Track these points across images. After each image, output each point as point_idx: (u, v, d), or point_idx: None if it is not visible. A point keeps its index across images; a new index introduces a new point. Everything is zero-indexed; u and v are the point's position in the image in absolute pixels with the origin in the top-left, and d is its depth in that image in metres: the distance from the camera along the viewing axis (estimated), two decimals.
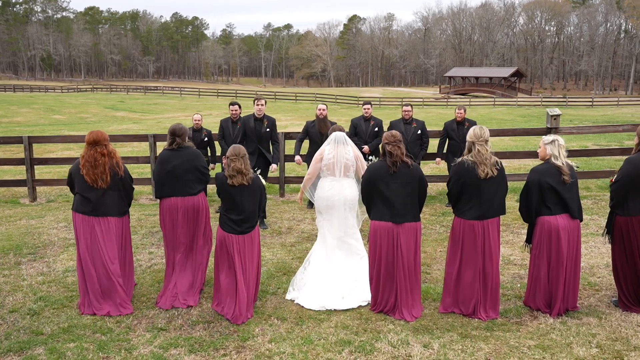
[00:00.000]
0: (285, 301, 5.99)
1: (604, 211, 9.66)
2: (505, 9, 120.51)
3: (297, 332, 5.25)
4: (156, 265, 7.22)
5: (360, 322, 5.43)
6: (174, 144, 6.00)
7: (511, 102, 60.03)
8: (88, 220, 5.70)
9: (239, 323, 5.42)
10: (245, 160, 5.51)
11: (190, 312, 5.74)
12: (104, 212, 5.72)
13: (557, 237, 5.37)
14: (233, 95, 66.74)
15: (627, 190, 5.43)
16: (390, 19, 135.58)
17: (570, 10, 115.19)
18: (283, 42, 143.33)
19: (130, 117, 39.28)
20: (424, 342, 4.99)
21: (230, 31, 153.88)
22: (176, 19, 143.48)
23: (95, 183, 5.68)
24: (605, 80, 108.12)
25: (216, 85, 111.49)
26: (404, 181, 5.46)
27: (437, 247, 7.84)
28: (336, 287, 5.89)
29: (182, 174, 5.93)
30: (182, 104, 55.58)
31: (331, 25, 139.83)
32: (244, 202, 5.55)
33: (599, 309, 5.64)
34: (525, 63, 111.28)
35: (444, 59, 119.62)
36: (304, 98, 63.02)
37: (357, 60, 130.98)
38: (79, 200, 5.77)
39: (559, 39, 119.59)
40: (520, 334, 5.13)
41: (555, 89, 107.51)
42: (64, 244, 8.19)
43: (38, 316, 5.66)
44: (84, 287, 5.72)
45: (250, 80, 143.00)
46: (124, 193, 5.90)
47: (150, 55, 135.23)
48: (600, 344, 4.88)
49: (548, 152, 5.46)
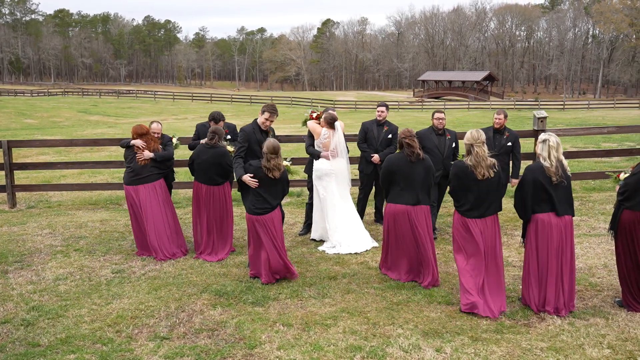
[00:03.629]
0: (288, 306, 5.87)
1: (592, 212, 9.77)
2: (477, 14, 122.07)
3: (305, 339, 5.13)
4: (150, 272, 7.02)
5: (369, 327, 5.34)
6: (213, 140, 7.42)
7: (485, 105, 60.73)
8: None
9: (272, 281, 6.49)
10: (280, 157, 6.50)
11: (192, 319, 5.58)
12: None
13: (548, 234, 5.50)
14: (208, 99, 66.21)
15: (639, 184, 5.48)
16: (363, 23, 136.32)
17: (539, 15, 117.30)
18: (257, 46, 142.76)
19: (104, 121, 38.59)
20: (436, 347, 4.92)
21: (203, 34, 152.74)
22: (148, 22, 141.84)
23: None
24: (575, 84, 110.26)
25: (190, 89, 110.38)
26: (419, 170, 6.40)
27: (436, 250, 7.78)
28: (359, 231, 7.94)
29: (209, 167, 7.40)
30: (157, 107, 54.88)
31: (305, 29, 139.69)
32: (271, 188, 6.53)
33: (604, 310, 5.66)
34: (496, 67, 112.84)
35: (417, 63, 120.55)
36: (280, 101, 62.76)
37: (331, 64, 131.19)
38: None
39: (529, 44, 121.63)
40: (530, 336, 5.10)
41: (526, 92, 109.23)
42: (51, 251, 7.92)
43: (33, 327, 5.43)
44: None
45: (224, 83, 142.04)
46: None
47: (122, 58, 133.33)
48: (612, 345, 4.88)
49: (538, 151, 5.63)
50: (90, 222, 9.62)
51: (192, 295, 6.20)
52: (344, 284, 6.50)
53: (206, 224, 7.55)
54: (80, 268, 7.19)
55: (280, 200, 6.68)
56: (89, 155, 19.49)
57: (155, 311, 5.78)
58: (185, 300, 6.06)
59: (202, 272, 6.95)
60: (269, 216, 6.53)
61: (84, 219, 9.90)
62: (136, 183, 7.59)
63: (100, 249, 7.98)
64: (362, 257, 7.49)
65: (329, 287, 6.41)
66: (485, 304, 5.59)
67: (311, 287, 6.43)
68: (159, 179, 7.76)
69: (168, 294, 6.23)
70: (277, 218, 6.62)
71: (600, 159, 15.08)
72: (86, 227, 9.22)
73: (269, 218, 6.53)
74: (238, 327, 5.40)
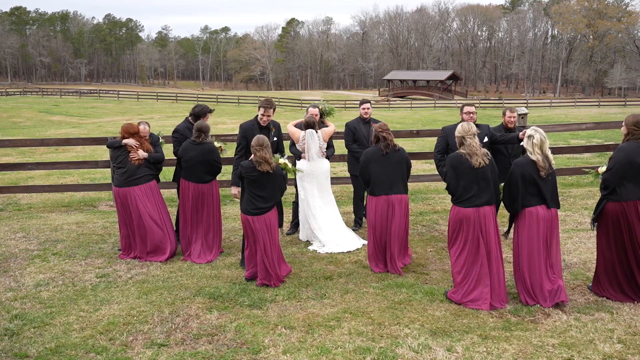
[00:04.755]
0: (287, 308, 5.67)
1: (575, 207, 9.86)
2: (440, 14, 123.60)
3: (310, 342, 4.95)
4: (137, 275, 6.72)
5: (374, 328, 5.19)
6: (199, 138, 7.13)
7: (451, 104, 61.51)
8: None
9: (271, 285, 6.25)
10: (268, 150, 6.21)
11: (188, 324, 5.33)
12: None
13: (537, 227, 5.61)
14: (173, 99, 65.14)
15: (621, 177, 5.59)
16: (328, 23, 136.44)
17: (500, 15, 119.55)
18: (221, 45, 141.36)
19: (67, 122, 37.46)
20: (446, 346, 4.80)
21: (166, 33, 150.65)
22: (109, 20, 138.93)
23: None
24: (535, 83, 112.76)
25: (154, 88, 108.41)
26: (394, 161, 6.68)
27: (427, 247, 7.71)
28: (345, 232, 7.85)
29: (196, 165, 7.14)
30: (121, 107, 53.67)
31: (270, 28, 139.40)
32: (266, 187, 6.26)
33: (606, 304, 5.64)
34: (459, 67, 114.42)
35: (382, 63, 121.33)
36: (247, 101, 62.26)
37: (296, 64, 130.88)
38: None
39: (490, 44, 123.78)
40: (539, 332, 5.03)
41: (488, 91, 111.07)
42: (27, 255, 7.53)
43: (18, 336, 5.10)
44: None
45: (188, 83, 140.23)
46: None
47: (83, 57, 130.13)
48: (622, 339, 4.85)
49: (525, 146, 5.76)
50: (66, 224, 9.21)
51: (185, 299, 5.94)
52: (342, 284, 6.33)
53: (195, 224, 7.29)
54: (62, 273, 6.83)
55: (275, 200, 6.41)
56: (54, 156, 18.85)
57: (149, 316, 5.51)
58: (179, 304, 5.80)
59: (193, 275, 6.69)
60: (262, 218, 6.28)
61: (59, 221, 9.48)
62: (131, 184, 7.22)
63: (80, 253, 7.62)
64: (355, 256, 7.34)
65: (327, 287, 6.24)
66: (487, 297, 5.59)
67: (308, 287, 6.25)
68: (153, 180, 7.46)
69: (160, 298, 5.95)
70: (271, 221, 6.34)
71: (572, 155, 15.29)
72: (62, 230, 8.81)
73: (262, 220, 6.28)
74: (238, 331, 5.17)
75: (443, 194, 11.31)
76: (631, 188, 5.59)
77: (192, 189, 7.27)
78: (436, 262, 7.08)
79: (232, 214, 9.67)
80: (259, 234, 6.26)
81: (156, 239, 7.21)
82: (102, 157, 17.23)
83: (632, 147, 5.61)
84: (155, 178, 7.53)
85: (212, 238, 7.36)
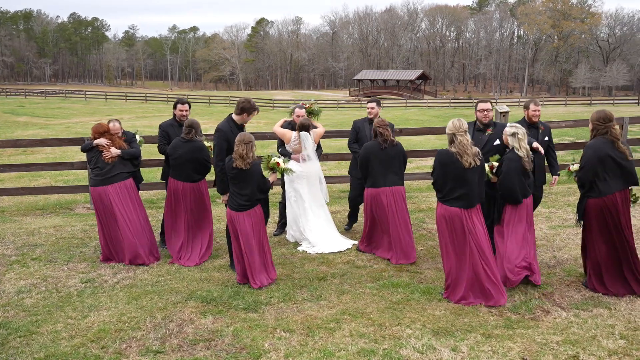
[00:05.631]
0: (284, 311, 5.54)
1: (558, 204, 9.97)
2: (409, 14, 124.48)
3: (311, 345, 4.82)
4: (124, 280, 6.49)
5: (375, 329, 5.09)
6: (190, 134, 6.96)
7: (421, 103, 62.08)
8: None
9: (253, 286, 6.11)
10: (248, 147, 6.01)
11: (183, 330, 5.15)
12: None
13: (523, 214, 6.00)
14: (142, 99, 64.12)
15: (594, 174, 5.70)
16: (298, 23, 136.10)
17: (468, 16, 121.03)
18: (189, 45, 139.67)
19: (34, 122, 36.46)
20: (451, 346, 4.73)
21: (133, 33, 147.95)
22: (74, 19, 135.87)
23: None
24: (502, 83, 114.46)
25: (121, 88, 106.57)
26: (392, 155, 7.01)
27: (417, 246, 7.64)
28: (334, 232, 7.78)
29: (185, 163, 6.97)
30: (89, 108, 52.55)
31: (239, 28, 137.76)
32: (245, 183, 6.10)
33: (603, 300, 5.66)
34: (428, 66, 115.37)
35: (352, 63, 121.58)
36: (217, 101, 61.74)
37: (266, 64, 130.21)
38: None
39: (458, 44, 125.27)
40: (541, 329, 5.00)
41: (457, 91, 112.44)
42: (5, 261, 7.22)
43: (4, 347, 4.84)
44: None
45: (156, 83, 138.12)
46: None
47: (47, 57, 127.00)
48: (624, 335, 4.85)
49: (510, 143, 5.94)
50: (43, 228, 8.88)
51: (177, 303, 5.75)
52: (336, 285, 6.22)
53: (183, 225, 7.09)
54: (44, 279, 6.55)
55: (254, 197, 6.17)
56: (24, 157, 18.32)
57: (141, 322, 5.30)
58: (171, 309, 5.61)
59: (182, 278, 6.49)
60: (244, 214, 6.15)
61: (35, 225, 9.14)
62: (105, 183, 6.98)
63: (62, 257, 7.34)
64: (347, 257, 7.24)
65: (322, 288, 6.12)
66: (482, 294, 5.61)
67: (302, 289, 6.12)
68: (129, 178, 7.21)
69: (150, 303, 5.74)
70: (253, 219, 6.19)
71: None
72: (39, 234, 8.49)
73: (244, 216, 6.14)
74: (236, 335, 5.02)
75: (426, 192, 11.31)
76: (608, 182, 5.69)
77: (181, 188, 7.08)
78: (429, 261, 7.02)
79: (217, 215, 9.46)
80: (242, 230, 6.13)
81: (133, 243, 6.98)
82: (73, 158, 16.82)
83: (599, 143, 5.72)
84: (132, 176, 7.27)
85: (202, 239, 7.16)
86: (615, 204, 5.70)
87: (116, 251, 7.05)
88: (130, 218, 7.00)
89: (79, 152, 18.23)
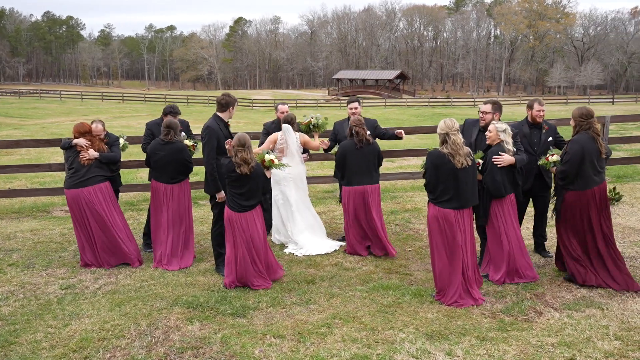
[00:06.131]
0: (273, 316, 5.39)
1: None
2: (387, 14, 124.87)
3: (303, 351, 4.69)
4: (106, 286, 6.28)
5: (368, 333, 4.97)
6: (168, 136, 6.82)
7: (401, 103, 62.29)
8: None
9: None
10: (249, 150, 5.92)
11: (169, 337, 4.97)
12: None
13: (512, 211, 6.09)
14: (120, 99, 63.23)
15: (578, 167, 5.84)
16: (276, 22, 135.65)
17: (445, 16, 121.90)
18: (167, 44, 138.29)
19: (8, 123, 35.62)
20: (446, 350, 4.64)
21: (109, 32, 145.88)
22: (48, 18, 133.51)
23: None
24: (480, 82, 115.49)
25: (97, 88, 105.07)
26: (367, 154, 7.11)
27: (405, 247, 7.57)
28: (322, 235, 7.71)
29: (166, 164, 6.83)
30: (65, 108, 51.62)
31: (217, 27, 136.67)
32: (248, 185, 6.00)
33: (594, 300, 5.62)
34: (407, 66, 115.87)
35: (331, 62, 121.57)
36: (196, 101, 61.18)
37: (244, 63, 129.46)
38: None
39: (436, 43, 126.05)
40: (535, 332, 4.93)
41: (435, 90, 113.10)
42: None
43: None
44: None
45: (133, 83, 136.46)
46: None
47: (20, 56, 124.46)
48: (618, 336, 4.81)
49: (502, 137, 6.00)
50: (19, 232, 8.60)
51: (162, 309, 5.56)
52: (325, 288, 6.09)
53: (166, 227, 6.91)
54: (22, 285, 6.31)
55: (257, 199, 6.09)
56: None
57: (125, 330, 5.11)
58: (156, 315, 5.42)
59: (167, 283, 6.30)
60: (245, 215, 6.02)
61: (10, 229, 8.85)
62: (79, 186, 6.76)
63: (40, 263, 7.10)
64: (334, 259, 7.12)
65: (311, 291, 5.99)
66: (469, 296, 5.61)
67: (291, 292, 5.98)
68: (105, 182, 6.97)
69: (134, 310, 5.55)
70: (255, 220, 6.08)
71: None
72: (16, 239, 8.22)
73: (244, 218, 6.01)
74: (224, 342, 4.86)
75: (411, 192, 11.24)
76: (588, 177, 5.86)
77: (163, 189, 6.92)
78: (417, 262, 6.94)
79: (200, 217, 9.27)
80: (245, 231, 6.02)
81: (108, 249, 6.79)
82: (50, 159, 16.43)
83: (584, 138, 5.85)
84: (108, 180, 7.01)
85: (186, 241, 7.00)
86: (594, 198, 5.90)
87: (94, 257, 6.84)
88: (109, 219, 6.79)
89: (55, 153, 17.95)
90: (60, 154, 13.58)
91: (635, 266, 6.53)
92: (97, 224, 6.77)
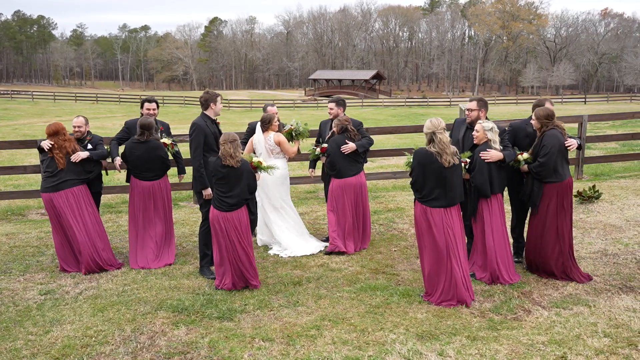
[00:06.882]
0: (261, 319, 5.30)
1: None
2: (363, 14, 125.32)
3: (293, 354, 4.61)
4: (88, 290, 6.12)
5: (358, 335, 4.92)
6: (143, 136, 6.73)
7: (377, 103, 62.52)
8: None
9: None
10: (234, 145, 5.84)
11: (155, 342, 4.85)
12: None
13: (500, 211, 6.15)
14: (93, 100, 62.23)
15: (555, 160, 6.04)
16: (252, 22, 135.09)
17: (420, 17, 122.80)
18: (141, 44, 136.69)
19: None
20: (437, 350, 4.60)
21: (81, 32, 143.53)
22: (19, 17, 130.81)
23: None
24: (455, 82, 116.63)
25: (70, 89, 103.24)
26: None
27: (390, 247, 7.54)
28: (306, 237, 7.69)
29: (144, 163, 6.78)
30: (37, 109, 50.58)
31: (192, 27, 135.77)
32: (234, 183, 5.89)
33: (581, 297, 5.65)
34: (383, 66, 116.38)
35: (307, 62, 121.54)
36: (171, 101, 60.51)
37: (220, 63, 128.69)
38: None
39: (411, 44, 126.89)
40: (525, 330, 4.94)
41: (411, 90, 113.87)
42: None
43: None
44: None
45: (107, 83, 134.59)
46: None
47: None
48: (607, 333, 4.83)
49: (489, 136, 6.02)
50: None
51: (146, 314, 5.43)
52: (312, 289, 6.02)
53: (146, 224, 6.79)
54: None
55: (243, 197, 5.97)
56: None
57: (109, 336, 4.97)
58: (141, 320, 5.29)
59: (150, 287, 6.16)
60: (231, 215, 5.92)
61: None
62: (54, 190, 6.56)
63: (17, 268, 6.89)
64: (320, 259, 7.05)
65: (298, 293, 5.91)
66: (455, 297, 5.55)
67: (278, 294, 5.90)
68: (80, 185, 6.74)
69: (118, 315, 5.41)
70: (241, 220, 5.98)
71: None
72: None
73: (230, 217, 5.91)
74: (212, 346, 4.76)
75: (392, 192, 11.24)
76: (565, 168, 6.16)
77: (142, 186, 6.86)
78: (404, 262, 6.91)
79: (180, 219, 9.12)
80: (231, 232, 5.93)
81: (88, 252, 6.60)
82: (23, 161, 16.06)
83: (557, 133, 6.10)
84: (84, 183, 6.79)
85: (168, 238, 6.93)
86: (570, 187, 6.20)
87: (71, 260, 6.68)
88: (84, 223, 6.62)
89: (29, 155, 17.55)
90: (35, 155, 13.25)
91: (619, 263, 6.60)
92: (73, 227, 6.59)
